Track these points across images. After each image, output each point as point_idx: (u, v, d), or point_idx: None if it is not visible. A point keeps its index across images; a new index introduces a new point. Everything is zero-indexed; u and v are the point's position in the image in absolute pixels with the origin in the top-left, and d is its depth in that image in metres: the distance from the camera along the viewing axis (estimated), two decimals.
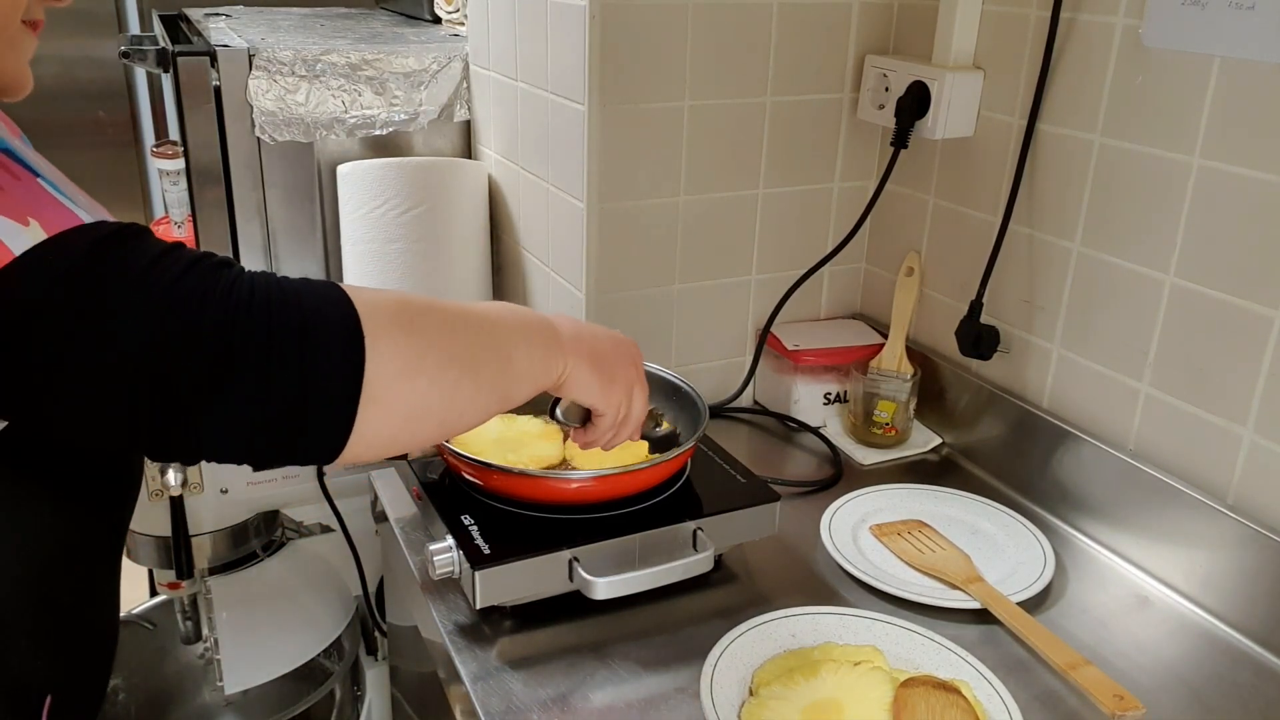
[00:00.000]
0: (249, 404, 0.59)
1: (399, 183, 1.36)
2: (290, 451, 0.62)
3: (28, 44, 0.67)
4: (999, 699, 0.81)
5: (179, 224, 1.69)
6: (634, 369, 0.83)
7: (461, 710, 0.87)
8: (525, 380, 0.74)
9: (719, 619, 0.92)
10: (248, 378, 0.58)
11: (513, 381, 0.73)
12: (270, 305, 0.60)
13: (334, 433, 0.62)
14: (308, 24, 1.68)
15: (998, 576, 0.98)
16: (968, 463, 1.22)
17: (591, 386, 0.79)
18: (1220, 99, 0.91)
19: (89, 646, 0.75)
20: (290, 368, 0.59)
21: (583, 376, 0.78)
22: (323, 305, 0.62)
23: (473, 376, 0.69)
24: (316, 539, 1.52)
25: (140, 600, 1.60)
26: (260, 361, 0.59)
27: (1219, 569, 0.94)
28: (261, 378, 0.59)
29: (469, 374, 0.68)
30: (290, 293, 0.62)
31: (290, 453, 0.63)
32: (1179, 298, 0.97)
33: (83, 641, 0.74)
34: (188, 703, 1.61)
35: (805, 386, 1.29)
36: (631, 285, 1.22)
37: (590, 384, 0.78)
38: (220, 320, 0.58)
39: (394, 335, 0.64)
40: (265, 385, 0.59)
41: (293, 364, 0.59)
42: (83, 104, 2.54)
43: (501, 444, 1.01)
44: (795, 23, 1.19)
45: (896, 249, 1.31)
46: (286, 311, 0.60)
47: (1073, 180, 1.06)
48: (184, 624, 1.47)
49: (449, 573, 0.89)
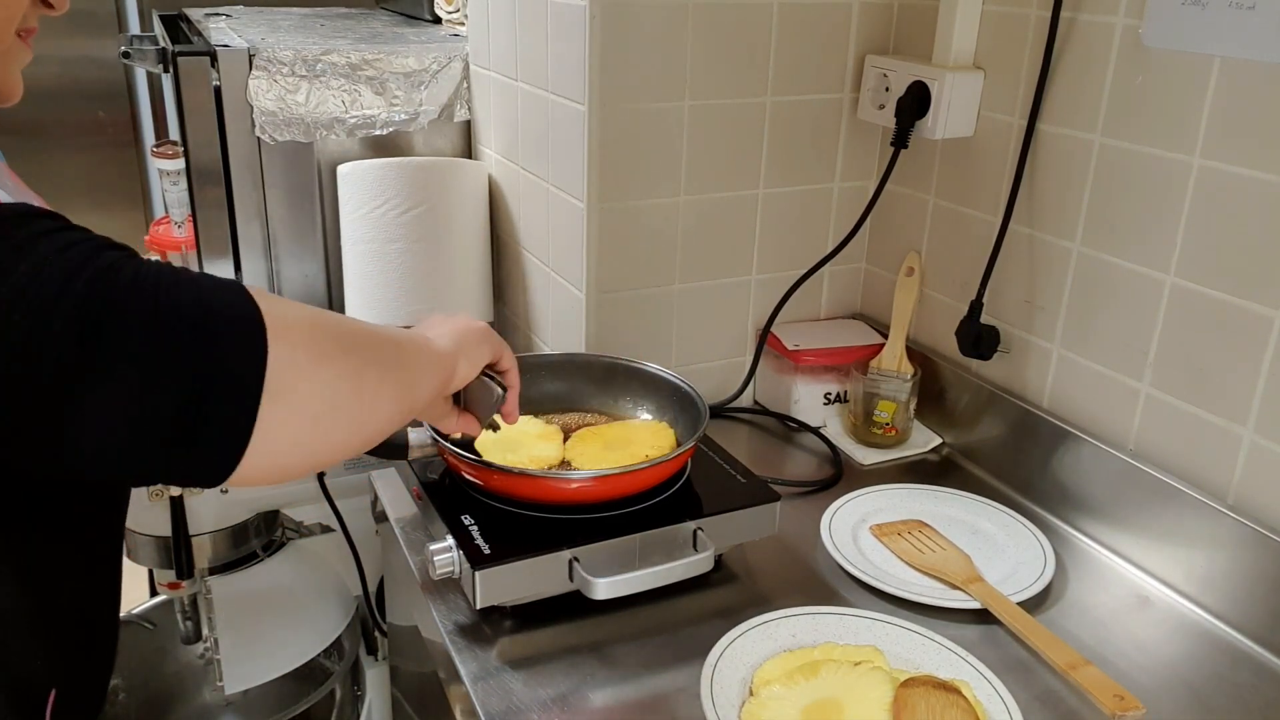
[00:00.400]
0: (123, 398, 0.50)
1: (399, 183, 1.36)
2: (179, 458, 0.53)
3: (21, 55, 0.66)
4: (999, 699, 0.81)
5: (179, 224, 1.68)
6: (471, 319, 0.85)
7: (462, 710, 0.87)
8: (423, 370, 0.72)
9: (719, 619, 0.91)
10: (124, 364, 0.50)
11: (413, 374, 0.69)
12: (159, 285, 0.52)
13: (234, 434, 0.54)
14: (308, 24, 1.68)
15: (998, 576, 0.98)
16: (968, 463, 1.22)
17: (482, 345, 0.82)
18: (1220, 99, 0.91)
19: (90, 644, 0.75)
20: (181, 355, 0.51)
21: (470, 343, 0.80)
22: (220, 291, 0.55)
23: (375, 367, 0.64)
24: (316, 539, 1.52)
25: (140, 600, 1.60)
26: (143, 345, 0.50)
27: (1219, 569, 0.94)
28: (146, 365, 0.50)
29: (371, 364, 0.64)
30: (185, 278, 0.54)
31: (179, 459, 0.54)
32: (1179, 298, 0.97)
33: (84, 639, 0.74)
34: (188, 703, 1.61)
35: (805, 386, 1.29)
36: (631, 285, 1.22)
37: (480, 344, 0.81)
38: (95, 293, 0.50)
39: (297, 325, 0.58)
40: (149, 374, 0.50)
41: (185, 350, 0.51)
42: (83, 104, 2.54)
43: (501, 444, 1.01)
44: (795, 23, 1.19)
45: (896, 249, 1.31)
46: (178, 291, 0.53)
47: (1073, 180, 1.06)
48: (184, 624, 1.47)
49: (449, 573, 0.89)
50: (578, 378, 1.13)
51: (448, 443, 0.94)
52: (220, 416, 0.53)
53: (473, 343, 0.81)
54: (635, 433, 1.05)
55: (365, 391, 0.63)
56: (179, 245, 1.71)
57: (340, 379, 0.60)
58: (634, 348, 1.23)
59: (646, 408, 1.10)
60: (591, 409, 1.12)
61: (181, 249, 1.70)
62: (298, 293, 1.47)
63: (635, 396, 1.11)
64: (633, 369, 1.11)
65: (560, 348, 1.29)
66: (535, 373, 1.12)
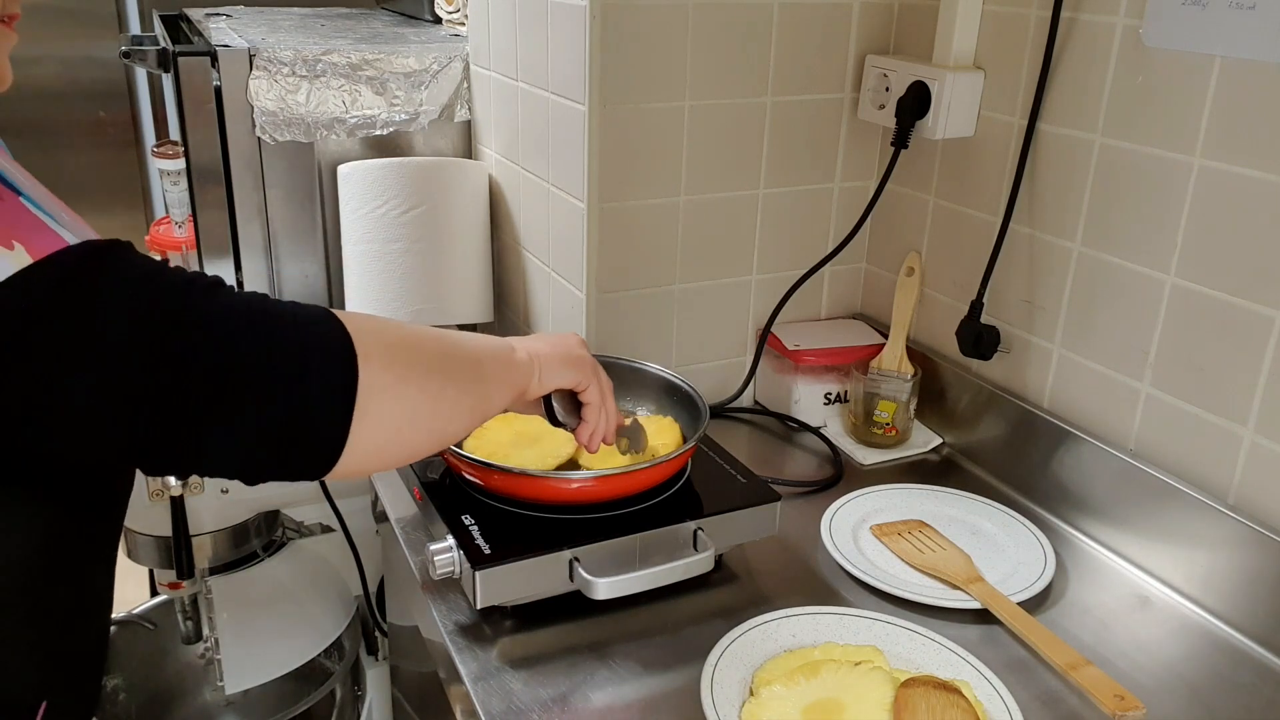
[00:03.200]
0: (249, 422, 0.61)
1: (399, 183, 1.36)
2: (286, 466, 0.64)
3: (5, 39, 0.66)
4: (999, 699, 0.81)
5: (179, 224, 1.68)
6: (583, 347, 0.89)
7: (462, 710, 0.87)
8: (498, 386, 0.79)
9: (719, 619, 0.92)
10: (248, 397, 0.60)
11: (488, 390, 0.78)
12: (269, 325, 0.62)
13: (329, 446, 0.64)
14: (308, 24, 1.68)
15: (998, 576, 0.98)
16: (968, 463, 1.22)
17: (564, 369, 0.85)
18: (1221, 99, 0.91)
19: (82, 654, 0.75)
20: (290, 386, 0.62)
21: (552, 364, 0.84)
22: (315, 324, 0.65)
23: (455, 384, 0.73)
24: (317, 539, 1.52)
25: (140, 600, 1.60)
26: (260, 381, 0.61)
27: (1219, 569, 0.94)
28: (262, 397, 0.61)
29: (451, 382, 0.73)
30: (284, 314, 0.64)
31: (286, 467, 0.64)
32: (1179, 298, 0.97)
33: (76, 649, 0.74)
34: (188, 703, 1.61)
35: (806, 386, 1.29)
36: (631, 285, 1.22)
37: (562, 368, 0.85)
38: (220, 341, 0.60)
39: (381, 351, 0.67)
40: (265, 404, 0.61)
41: (293, 382, 0.62)
42: (83, 104, 2.54)
43: (519, 440, 1.01)
44: (795, 23, 1.19)
45: (897, 249, 1.31)
46: (283, 330, 0.63)
47: (1073, 180, 1.06)
48: (184, 624, 1.47)
49: (449, 573, 0.89)
50: None
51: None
52: (318, 436, 0.64)
53: (555, 362, 0.85)
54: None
55: (444, 406, 0.72)
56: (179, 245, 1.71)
57: (421, 396, 0.70)
58: (634, 348, 1.23)
59: (647, 407, 1.10)
60: None
61: (182, 249, 1.70)
62: (298, 293, 1.47)
63: (636, 396, 1.11)
64: (633, 369, 1.11)
65: None
66: None
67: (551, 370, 0.84)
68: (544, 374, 0.84)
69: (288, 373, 0.62)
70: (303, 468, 0.65)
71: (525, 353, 0.83)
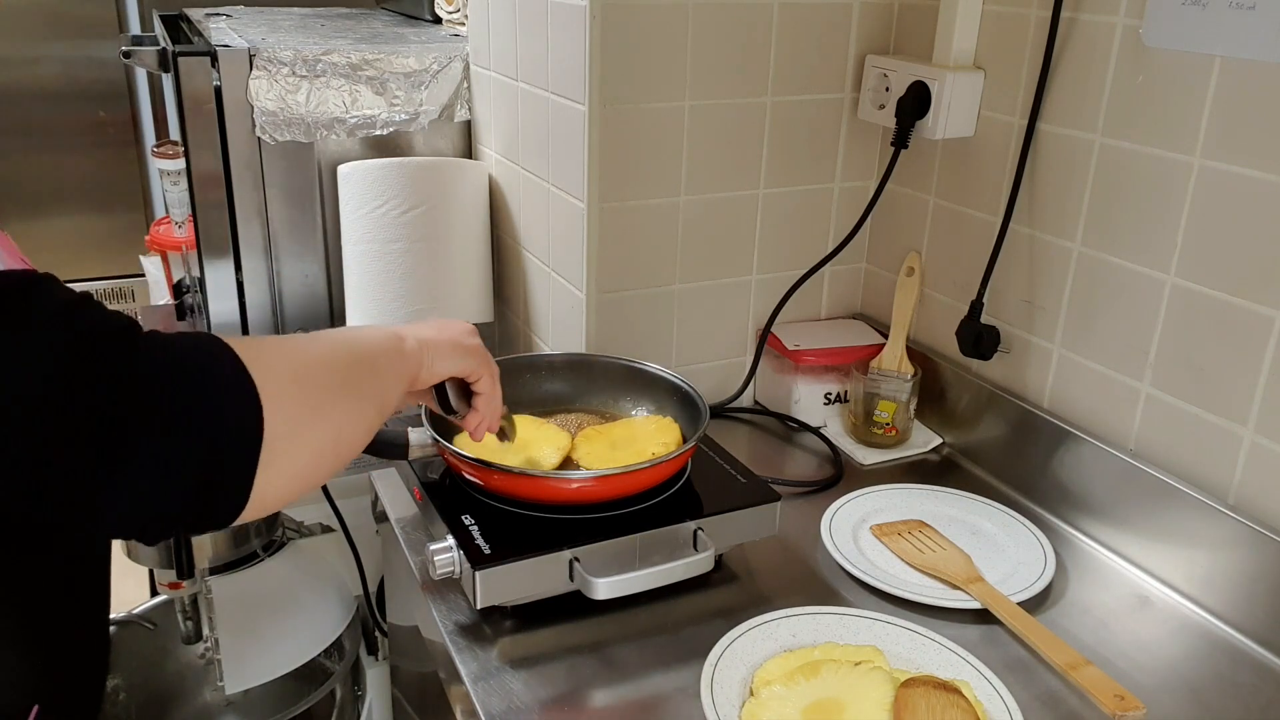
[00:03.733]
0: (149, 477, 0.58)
1: (399, 183, 1.36)
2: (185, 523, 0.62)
3: None
4: (999, 699, 0.81)
5: (179, 224, 1.69)
6: (473, 335, 0.87)
7: (462, 710, 0.87)
8: (394, 380, 0.78)
9: (719, 619, 0.92)
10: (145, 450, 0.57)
11: (386, 387, 0.76)
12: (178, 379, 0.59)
13: (233, 501, 0.62)
14: (308, 24, 1.68)
15: (998, 576, 0.98)
16: (968, 463, 1.22)
17: (454, 357, 0.83)
18: (1221, 99, 0.91)
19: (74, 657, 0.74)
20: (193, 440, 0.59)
21: (442, 351, 0.82)
22: (221, 374, 0.61)
23: (356, 398, 0.71)
24: (317, 539, 1.52)
25: (140, 600, 1.60)
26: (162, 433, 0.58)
27: (1219, 569, 0.94)
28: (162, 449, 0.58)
29: (353, 396, 0.71)
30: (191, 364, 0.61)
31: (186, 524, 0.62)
32: (1179, 298, 0.97)
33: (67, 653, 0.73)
34: (188, 703, 1.61)
35: (806, 386, 1.29)
36: (631, 285, 1.22)
37: (451, 355, 0.83)
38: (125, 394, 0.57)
39: (288, 390, 0.64)
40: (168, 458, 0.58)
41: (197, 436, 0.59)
42: (84, 104, 2.54)
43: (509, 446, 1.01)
44: (795, 23, 1.19)
45: (897, 249, 1.31)
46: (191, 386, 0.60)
47: (1073, 180, 1.06)
48: (184, 624, 1.47)
49: (449, 572, 0.89)
50: (578, 377, 1.13)
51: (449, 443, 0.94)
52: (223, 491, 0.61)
53: (443, 350, 0.83)
54: (640, 429, 1.05)
55: (347, 428, 0.70)
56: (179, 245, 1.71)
57: (326, 428, 0.67)
58: (634, 348, 1.23)
59: (647, 407, 1.10)
60: (592, 409, 1.12)
61: (182, 249, 1.70)
62: (298, 292, 1.47)
63: (636, 396, 1.11)
64: (633, 369, 1.11)
65: (560, 348, 1.29)
66: (536, 372, 1.12)
67: (441, 357, 0.82)
68: (434, 361, 0.82)
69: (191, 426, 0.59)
70: (204, 523, 0.63)
71: (414, 340, 0.81)
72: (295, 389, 0.65)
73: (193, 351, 0.61)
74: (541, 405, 1.11)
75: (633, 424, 1.07)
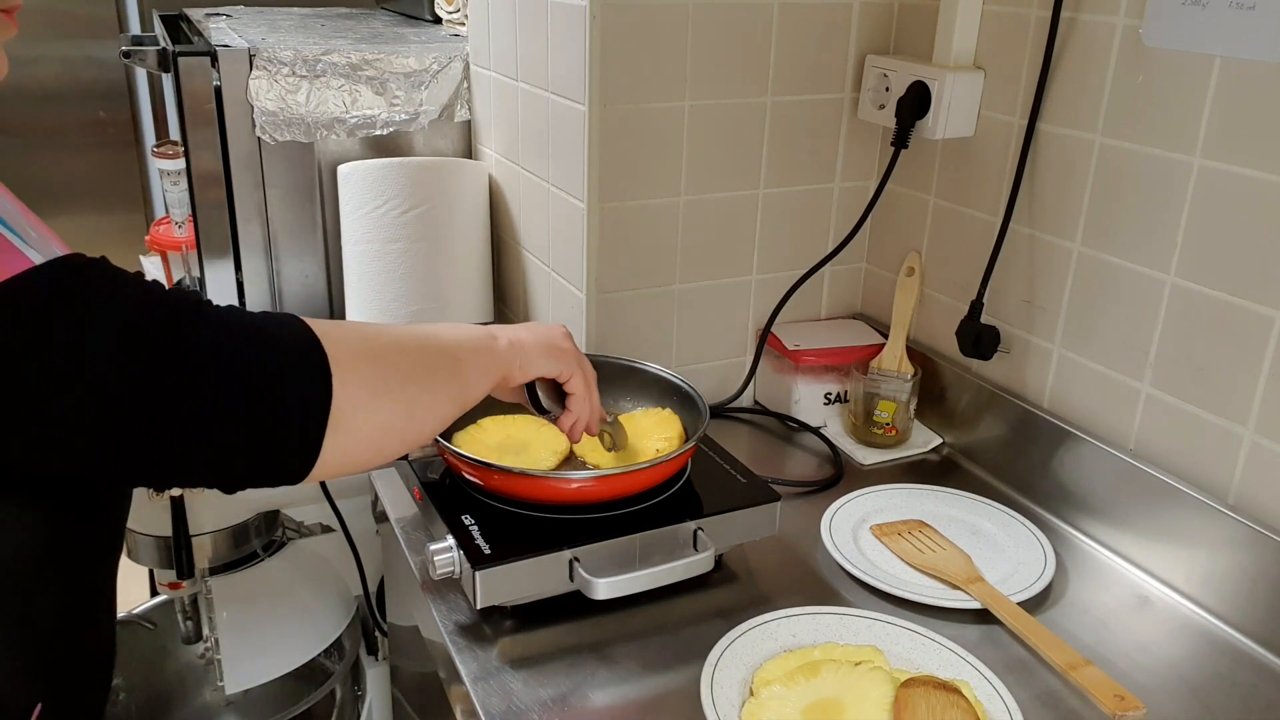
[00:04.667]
0: (226, 441, 0.63)
1: (399, 183, 1.36)
2: (259, 477, 0.67)
3: (4, 30, 0.66)
4: (999, 699, 0.81)
5: (179, 224, 1.68)
6: (567, 339, 0.90)
7: (462, 710, 0.87)
8: (476, 378, 0.81)
9: (719, 619, 0.92)
10: (227, 418, 0.62)
11: (466, 383, 0.79)
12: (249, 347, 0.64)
13: (301, 460, 0.66)
14: (308, 24, 1.68)
15: (998, 576, 0.98)
16: (968, 463, 1.22)
17: (546, 358, 0.87)
18: (1221, 99, 0.91)
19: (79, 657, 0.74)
20: (268, 406, 0.64)
21: (534, 352, 0.86)
22: (293, 342, 0.66)
23: (430, 389, 0.75)
24: (317, 539, 1.52)
25: (140, 600, 1.60)
26: (240, 403, 0.63)
27: (1219, 569, 0.94)
28: (241, 417, 0.63)
29: (427, 388, 0.75)
30: (265, 334, 0.65)
31: (259, 478, 0.67)
32: (1179, 297, 0.97)
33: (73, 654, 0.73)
34: (188, 703, 1.61)
35: (806, 386, 1.29)
36: (631, 285, 1.22)
37: (543, 357, 0.86)
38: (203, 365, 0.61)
39: (358, 366, 0.68)
40: (243, 424, 0.63)
41: (272, 402, 0.64)
42: (83, 104, 2.54)
43: (508, 445, 1.01)
44: (795, 23, 1.19)
45: (897, 249, 1.31)
46: (263, 351, 0.64)
47: (1073, 180, 1.06)
48: (184, 624, 1.47)
49: (449, 572, 0.89)
50: None
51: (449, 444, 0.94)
52: (292, 450, 0.66)
53: (537, 351, 0.86)
54: (640, 424, 1.05)
55: (418, 411, 0.74)
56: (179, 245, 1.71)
57: (395, 406, 0.71)
58: (634, 348, 1.23)
59: (647, 407, 1.10)
60: None
61: (182, 249, 1.70)
62: (297, 293, 1.47)
63: (636, 395, 1.11)
64: (633, 368, 1.11)
65: None
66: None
67: (533, 358, 0.86)
68: (525, 362, 0.85)
69: (266, 393, 0.64)
70: (275, 478, 0.67)
71: (506, 340, 0.84)
72: (366, 364, 0.69)
73: (265, 322, 0.66)
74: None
75: (633, 419, 1.06)
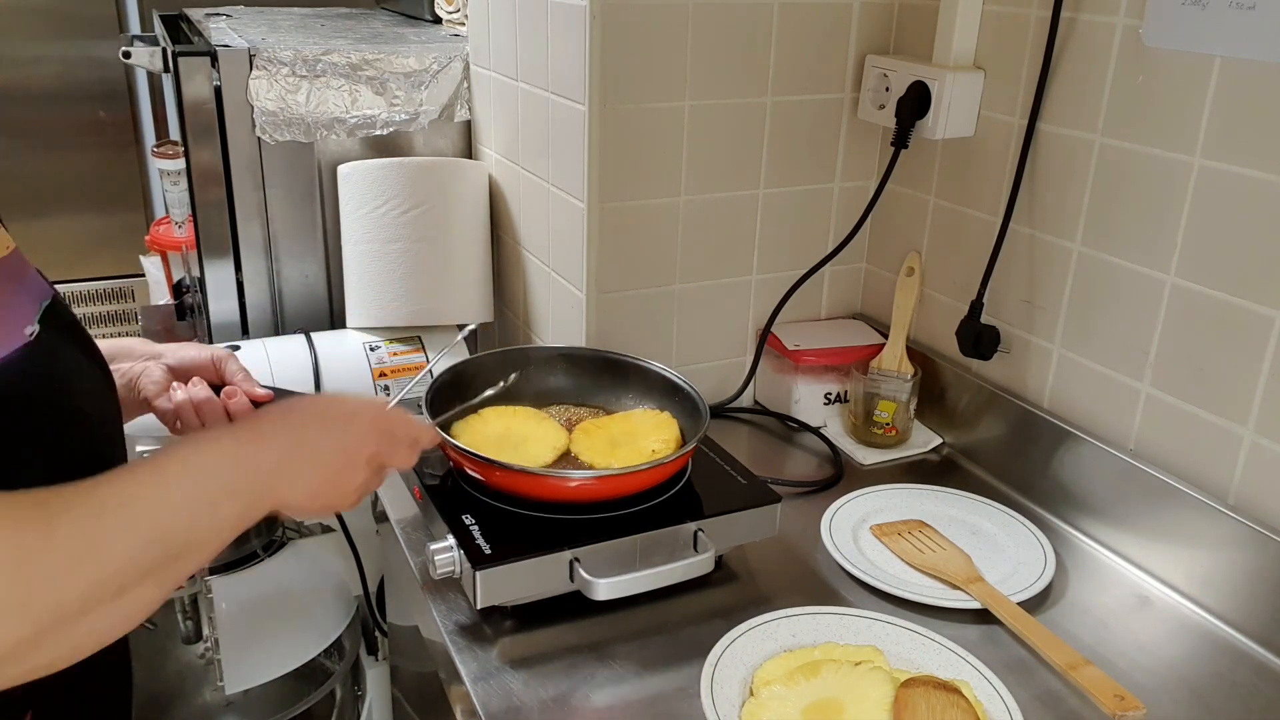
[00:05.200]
0: None
1: (399, 183, 1.36)
2: None
3: None
4: (999, 699, 0.81)
5: (179, 224, 1.69)
6: (372, 449, 0.78)
7: (462, 710, 0.87)
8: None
9: (719, 619, 0.92)
10: None
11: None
12: None
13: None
14: (308, 24, 1.68)
15: (998, 576, 0.98)
16: (968, 463, 1.22)
17: (304, 509, 0.73)
18: (1221, 99, 0.91)
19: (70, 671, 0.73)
20: None
21: (296, 501, 0.72)
22: None
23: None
24: (317, 539, 1.52)
25: None
26: None
27: (1219, 569, 0.94)
28: None
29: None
30: None
31: None
32: (1179, 298, 0.97)
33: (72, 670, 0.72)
34: (188, 703, 1.61)
35: (806, 386, 1.29)
36: (631, 285, 1.22)
37: (302, 507, 0.73)
38: None
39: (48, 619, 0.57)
40: None
41: None
42: (83, 104, 2.55)
43: (505, 440, 1.01)
44: (795, 23, 1.19)
45: (897, 249, 1.31)
46: None
47: (1073, 180, 1.06)
48: (184, 624, 1.47)
49: (450, 572, 0.89)
50: (579, 372, 1.13)
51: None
52: None
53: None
54: (638, 424, 1.05)
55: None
56: (179, 245, 1.71)
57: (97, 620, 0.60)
58: (634, 348, 1.23)
59: (647, 406, 1.10)
60: (592, 404, 1.12)
61: (182, 249, 1.70)
62: (298, 292, 1.47)
63: (636, 395, 1.11)
64: (634, 365, 1.11)
65: None
66: (538, 365, 1.12)
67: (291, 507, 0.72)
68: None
69: None
70: None
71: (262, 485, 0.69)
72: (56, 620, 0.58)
73: None
74: (542, 398, 1.10)
75: (630, 418, 1.06)
